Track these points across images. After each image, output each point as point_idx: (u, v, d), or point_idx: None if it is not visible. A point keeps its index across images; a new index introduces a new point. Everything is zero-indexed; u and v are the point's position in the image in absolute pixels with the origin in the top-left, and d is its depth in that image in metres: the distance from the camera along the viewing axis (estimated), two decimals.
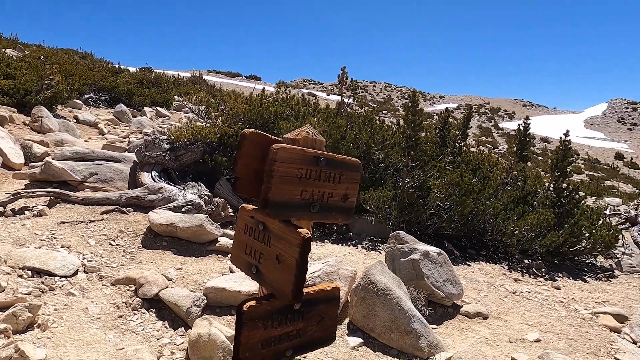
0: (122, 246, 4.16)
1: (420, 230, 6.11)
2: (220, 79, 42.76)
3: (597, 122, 59.92)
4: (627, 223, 7.09)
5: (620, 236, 6.37)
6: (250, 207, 1.29)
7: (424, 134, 6.90)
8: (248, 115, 6.22)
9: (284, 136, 1.23)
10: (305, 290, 1.23)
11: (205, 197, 5.16)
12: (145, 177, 5.46)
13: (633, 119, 60.30)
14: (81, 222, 4.49)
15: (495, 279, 5.17)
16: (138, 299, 3.30)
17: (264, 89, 7.47)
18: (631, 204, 10.22)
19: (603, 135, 52.07)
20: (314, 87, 65.80)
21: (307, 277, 3.65)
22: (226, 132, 5.98)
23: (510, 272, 5.59)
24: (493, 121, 53.99)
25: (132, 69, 21.12)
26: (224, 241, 4.35)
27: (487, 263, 5.83)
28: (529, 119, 6.66)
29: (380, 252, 5.41)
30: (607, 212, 7.96)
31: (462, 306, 4.00)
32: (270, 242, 1.16)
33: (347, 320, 3.40)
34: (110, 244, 4.17)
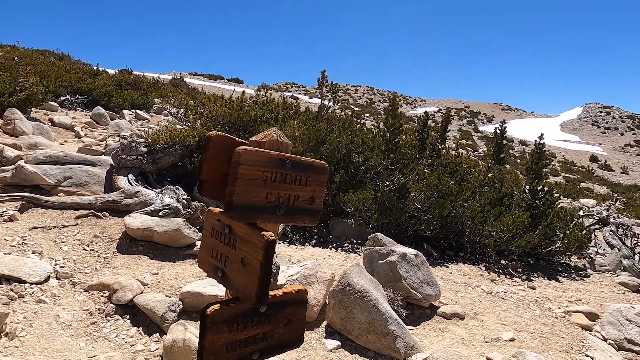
0: (97, 251, 4.07)
1: (400, 232, 6.16)
2: (202, 81, 42.39)
3: (573, 126, 61.54)
4: (600, 223, 7.31)
5: (593, 236, 6.54)
6: (217, 210, 1.28)
7: (403, 137, 6.98)
8: (227, 118, 6.19)
9: (251, 139, 1.23)
10: (272, 293, 1.23)
11: (184, 200, 5.11)
12: (122, 181, 5.36)
13: (606, 122, 62.16)
14: (54, 227, 4.39)
15: (473, 279, 5.25)
16: (112, 305, 3.23)
17: (243, 92, 7.44)
18: (603, 204, 10.52)
19: (578, 139, 53.48)
20: (296, 90, 65.81)
21: (285, 280, 3.65)
22: (205, 135, 5.93)
23: (488, 272, 5.68)
24: (473, 124, 54.88)
25: (111, 71, 20.77)
26: None
27: (465, 264, 5.91)
28: (505, 123, 6.81)
29: (359, 255, 5.44)
30: (581, 212, 8.17)
31: (440, 307, 4.04)
32: (236, 245, 1.16)
33: (325, 323, 3.40)
34: (84, 249, 4.08)
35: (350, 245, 5.83)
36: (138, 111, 14.19)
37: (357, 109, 48.12)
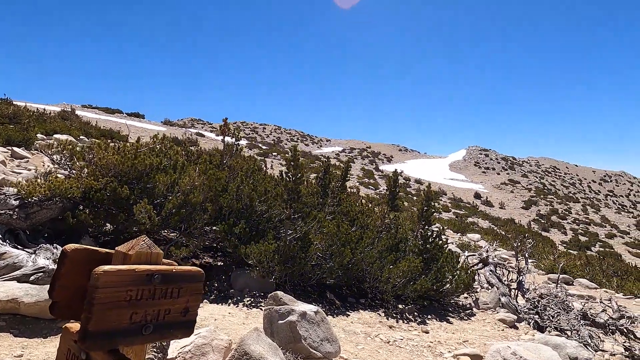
0: None
1: (303, 282, 6.16)
2: (97, 115, 39.30)
3: (459, 166, 68.65)
4: (481, 264, 8.10)
5: (476, 276, 7.19)
6: (74, 328, 1.14)
7: (305, 184, 7.12)
8: (120, 167, 5.76)
9: (117, 249, 1.13)
10: None
11: None
12: None
13: (486, 163, 70.50)
14: None
15: (372, 327, 5.39)
16: None
17: (138, 138, 7.04)
18: (483, 245, 11.73)
19: (464, 177, 59.64)
20: (202, 127, 64.33)
21: (177, 352, 3.38)
22: (92, 186, 5.44)
23: (387, 318, 5.89)
24: (374, 164, 58.33)
25: None
26: None
27: (366, 311, 6.07)
28: (397, 173, 7.34)
29: (261, 309, 5.29)
30: (466, 253, 8.99)
31: None
32: None
33: None
34: None
35: (252, 299, 5.65)
36: (15, 149, 12.58)
37: (264, 147, 48.41)
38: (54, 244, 4.83)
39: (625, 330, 6.54)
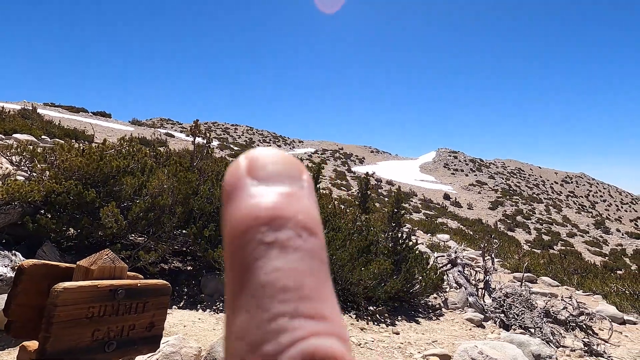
0: None
1: None
2: (61, 114, 37.84)
3: (429, 167, 70.05)
4: (450, 264, 8.29)
5: (445, 277, 7.34)
6: (32, 346, 1.10)
7: None
8: (84, 169, 5.57)
9: (78, 263, 1.09)
10: None
11: None
12: None
13: (455, 165, 72.23)
14: None
15: None
16: None
17: (105, 140, 6.83)
18: (452, 246, 12.00)
19: (434, 179, 60.90)
20: (172, 127, 63.03)
21: None
22: (54, 190, 5.23)
23: (358, 321, 5.93)
24: (347, 165, 58.74)
25: None
26: None
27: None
28: (368, 176, 7.42)
29: None
30: (435, 254, 9.18)
31: None
32: None
33: None
34: None
35: (223, 304, 5.58)
36: None
37: (236, 148, 47.88)
38: (13, 251, 4.62)
39: (584, 326, 6.84)
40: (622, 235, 38.54)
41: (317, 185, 7.97)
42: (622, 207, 66.56)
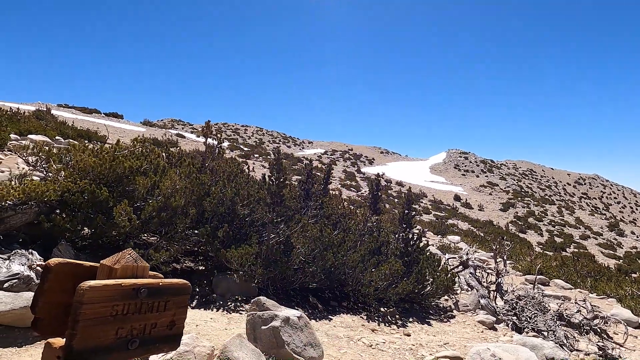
0: None
1: (286, 285, 6.14)
2: (74, 114, 38.36)
3: (439, 169, 69.60)
4: (461, 266, 8.23)
5: (456, 279, 7.30)
6: (58, 344, 1.12)
7: (288, 189, 7.11)
8: (98, 169, 5.64)
9: (102, 262, 1.11)
10: None
11: (38, 267, 4.43)
12: None
13: (465, 166, 71.66)
14: None
15: (355, 331, 5.41)
16: None
17: (118, 140, 6.91)
18: (463, 247, 11.91)
19: (444, 180, 60.49)
20: (183, 128, 63.51)
21: None
22: (70, 189, 5.31)
23: (369, 322, 5.92)
24: (356, 166, 58.60)
25: None
26: None
27: (348, 315, 6.09)
28: (379, 176, 7.41)
29: (243, 314, 5.25)
30: (447, 256, 9.12)
31: None
32: None
33: None
34: None
35: (234, 304, 5.61)
36: None
37: (246, 148, 48.09)
38: (29, 250, 4.70)
39: (598, 330, 6.74)
40: (637, 237, 37.90)
41: (327, 186, 7.97)
42: (636, 209, 65.47)
